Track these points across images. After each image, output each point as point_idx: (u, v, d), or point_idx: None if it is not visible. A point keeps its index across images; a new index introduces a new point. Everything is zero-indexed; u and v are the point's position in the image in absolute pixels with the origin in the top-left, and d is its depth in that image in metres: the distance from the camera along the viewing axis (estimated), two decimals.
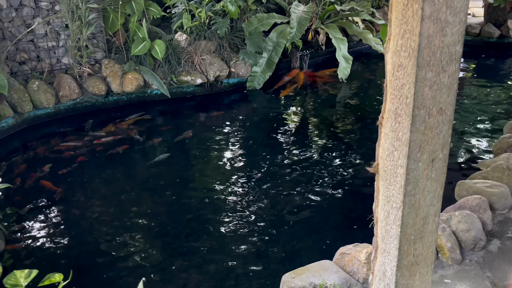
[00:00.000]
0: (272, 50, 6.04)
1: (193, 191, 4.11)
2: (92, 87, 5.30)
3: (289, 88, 6.07)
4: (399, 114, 1.40)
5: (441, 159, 1.49)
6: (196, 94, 5.76)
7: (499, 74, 6.79)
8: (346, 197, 3.98)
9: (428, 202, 1.52)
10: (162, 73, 5.54)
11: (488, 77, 6.65)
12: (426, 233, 1.57)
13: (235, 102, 5.76)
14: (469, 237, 2.79)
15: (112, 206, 3.89)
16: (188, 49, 5.73)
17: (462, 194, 3.27)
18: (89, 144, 4.73)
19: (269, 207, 3.87)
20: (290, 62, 6.57)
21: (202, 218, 3.74)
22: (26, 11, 5.16)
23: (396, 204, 1.49)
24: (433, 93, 1.37)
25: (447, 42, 1.32)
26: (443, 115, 1.42)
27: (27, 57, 5.31)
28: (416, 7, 1.26)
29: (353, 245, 2.81)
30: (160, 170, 4.42)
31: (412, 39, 1.30)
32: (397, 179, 1.47)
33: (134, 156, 4.60)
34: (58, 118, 5.20)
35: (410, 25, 1.29)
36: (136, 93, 5.48)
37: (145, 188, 4.14)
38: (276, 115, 5.46)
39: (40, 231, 3.59)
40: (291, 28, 5.80)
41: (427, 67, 1.33)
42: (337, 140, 4.89)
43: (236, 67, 5.93)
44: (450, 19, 1.30)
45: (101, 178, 4.25)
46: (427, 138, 1.42)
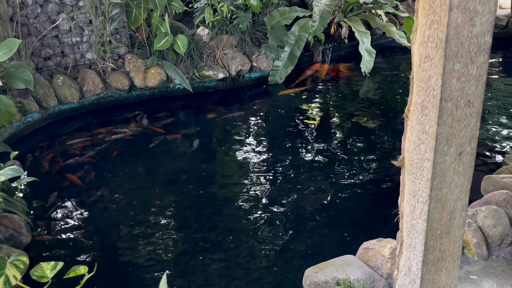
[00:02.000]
0: (294, 44, 6.01)
1: (215, 185, 4.13)
2: (115, 82, 5.35)
3: (308, 82, 6.04)
4: (425, 107, 1.37)
5: (469, 153, 1.46)
6: (218, 88, 5.77)
7: None
8: (369, 191, 3.95)
9: (455, 196, 1.49)
10: (185, 68, 5.56)
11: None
12: (453, 227, 1.54)
13: (257, 96, 5.75)
14: (495, 233, 2.74)
15: (136, 199, 3.93)
16: (210, 44, 5.74)
17: (488, 189, 3.21)
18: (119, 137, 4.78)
19: (292, 201, 3.86)
20: (312, 56, 6.53)
21: (224, 212, 3.75)
22: (51, 7, 5.23)
23: (422, 198, 1.47)
24: (461, 84, 1.34)
25: (476, 33, 1.29)
26: (471, 107, 1.39)
27: (52, 53, 5.39)
28: None
29: (376, 240, 2.78)
30: (183, 164, 4.44)
31: (440, 29, 1.27)
32: (423, 173, 1.44)
33: (158, 150, 4.63)
34: (82, 113, 5.26)
35: (437, 15, 1.26)
36: (158, 88, 5.52)
37: (168, 181, 4.17)
38: (298, 110, 5.43)
39: (66, 224, 3.64)
40: (313, 22, 5.75)
41: (455, 58, 1.30)
42: (359, 134, 4.84)
43: (258, 61, 5.91)
44: (480, 8, 1.26)
45: (125, 172, 4.29)
46: (454, 131, 1.39)
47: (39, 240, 3.45)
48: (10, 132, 4.63)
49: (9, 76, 4.21)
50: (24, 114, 4.81)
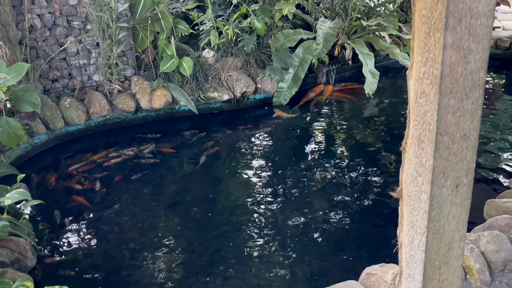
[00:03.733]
0: (298, 66, 6.07)
1: (219, 207, 4.15)
2: (121, 104, 5.42)
3: (312, 104, 6.08)
4: (422, 140, 1.40)
5: (466, 185, 1.48)
6: (223, 110, 5.83)
7: None
8: (373, 215, 3.96)
9: (453, 227, 1.52)
10: (190, 90, 5.62)
11: None
12: (451, 258, 1.56)
13: (261, 117, 5.80)
14: (498, 258, 2.74)
15: (141, 221, 3.96)
16: (215, 66, 5.81)
17: (491, 214, 3.22)
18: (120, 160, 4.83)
19: (296, 224, 3.87)
20: (316, 77, 6.59)
21: (228, 235, 3.77)
22: (59, 30, 5.33)
23: (420, 229, 1.49)
24: (456, 119, 1.37)
25: (470, 69, 1.33)
26: (467, 141, 1.42)
27: (59, 75, 5.47)
28: (438, 35, 1.27)
29: (379, 265, 2.79)
30: (187, 186, 4.47)
31: (435, 67, 1.31)
32: (421, 205, 1.47)
33: (162, 172, 4.67)
34: (88, 134, 5.32)
35: (432, 53, 1.30)
36: (164, 109, 5.58)
37: (172, 203, 4.19)
38: (302, 131, 5.47)
39: (71, 247, 3.67)
40: (317, 44, 5.82)
41: (450, 94, 1.34)
42: (363, 157, 4.86)
43: (262, 83, 5.98)
44: (473, 46, 1.30)
45: (130, 193, 4.32)
46: (451, 164, 1.42)
47: (44, 263, 3.47)
48: (17, 154, 4.69)
49: (17, 99, 4.28)
50: (31, 136, 4.87)
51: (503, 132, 5.21)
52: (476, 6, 1.26)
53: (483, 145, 4.89)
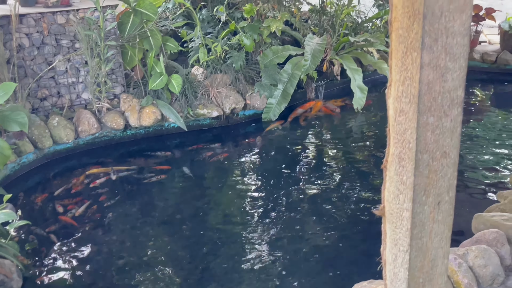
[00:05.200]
0: (287, 82, 6.10)
1: (209, 224, 4.13)
2: (110, 122, 5.41)
3: (301, 119, 6.10)
4: (402, 158, 1.41)
5: (447, 202, 1.49)
6: (212, 126, 5.83)
7: None
8: (363, 231, 3.95)
9: (436, 244, 1.52)
10: (179, 107, 5.62)
11: (505, 105, 6.60)
12: (435, 275, 1.56)
13: (251, 133, 5.80)
14: (486, 273, 2.74)
15: (129, 240, 3.93)
16: (205, 83, 5.82)
17: (479, 228, 3.23)
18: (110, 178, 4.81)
19: (285, 240, 3.86)
20: (305, 93, 6.61)
21: (218, 253, 3.75)
22: (47, 49, 5.33)
23: (403, 247, 1.49)
24: (435, 137, 1.38)
25: (448, 88, 1.34)
26: (447, 158, 1.43)
27: (48, 94, 5.46)
28: (415, 55, 1.29)
29: (367, 282, 2.78)
30: (176, 203, 4.46)
31: (412, 85, 1.32)
32: (403, 222, 1.47)
33: (152, 190, 4.65)
34: (77, 153, 5.30)
35: (409, 72, 1.32)
36: (153, 126, 5.57)
37: (161, 221, 4.17)
38: (291, 146, 5.48)
39: (58, 267, 3.63)
40: (305, 60, 5.86)
41: (429, 112, 1.35)
42: (352, 172, 4.88)
43: (251, 99, 5.99)
44: (450, 65, 1.32)
45: (119, 212, 4.30)
46: (431, 182, 1.43)
47: (30, 285, 3.42)
48: (4, 173, 4.65)
49: (4, 119, 4.26)
50: (19, 155, 4.84)
51: (491, 146, 5.25)
52: (451, 26, 1.27)
53: (470, 159, 4.93)
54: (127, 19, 5.63)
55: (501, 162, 4.86)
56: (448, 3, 1.24)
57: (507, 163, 4.83)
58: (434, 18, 1.25)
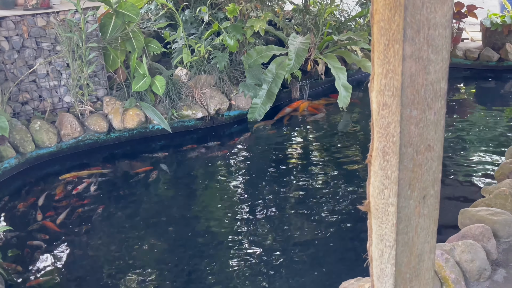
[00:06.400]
0: (272, 82, 6.08)
1: (195, 226, 4.09)
2: (93, 125, 5.34)
3: (286, 119, 6.08)
4: (386, 152, 1.39)
5: (433, 196, 1.47)
6: (197, 127, 5.79)
7: (500, 98, 6.79)
8: (350, 228, 3.94)
9: (422, 239, 1.50)
10: (163, 108, 5.58)
11: (488, 101, 6.65)
12: (422, 270, 1.54)
13: (236, 133, 5.77)
14: (473, 268, 2.74)
15: (115, 244, 3.87)
16: (189, 84, 5.78)
17: (465, 223, 3.23)
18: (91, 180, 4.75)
19: (273, 240, 3.83)
20: (290, 92, 6.60)
21: (205, 254, 3.71)
22: (28, 52, 5.25)
23: (390, 242, 1.48)
24: (419, 130, 1.36)
25: (430, 80, 1.33)
26: (432, 151, 1.41)
27: (29, 97, 5.37)
28: (397, 47, 1.27)
29: (355, 280, 2.76)
30: (162, 205, 4.41)
31: (395, 78, 1.30)
32: (388, 218, 1.45)
33: (137, 192, 4.60)
34: (60, 157, 5.22)
35: (392, 64, 1.30)
36: (137, 129, 5.51)
37: (147, 224, 4.12)
38: (278, 146, 5.46)
39: (42, 273, 3.56)
40: (289, 60, 5.85)
41: (412, 105, 1.33)
42: (339, 170, 4.87)
43: (236, 99, 5.96)
44: (433, 57, 1.30)
45: (103, 216, 4.24)
46: (416, 175, 1.41)
47: None
48: None
49: None
50: (0, 161, 4.75)
51: (475, 142, 5.28)
52: (433, 17, 1.26)
53: (456, 155, 4.95)
54: (108, 21, 5.57)
55: (486, 158, 4.88)
56: None
57: (491, 158, 4.86)
58: (415, 9, 1.23)
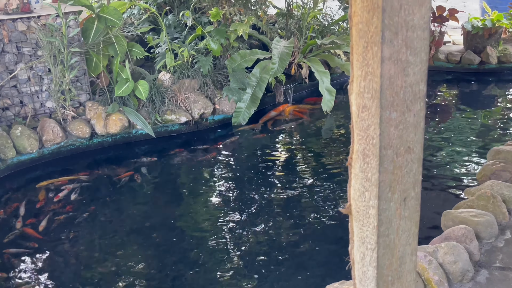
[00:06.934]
0: (256, 86, 6.08)
1: (180, 231, 4.06)
2: (76, 130, 5.29)
3: (270, 123, 6.08)
4: (367, 155, 1.39)
5: (414, 198, 1.47)
6: (181, 132, 5.76)
7: (481, 100, 6.87)
8: (335, 231, 3.95)
9: (403, 241, 1.50)
10: (147, 113, 5.54)
11: (470, 104, 6.72)
12: (404, 273, 1.54)
13: (221, 138, 5.76)
14: (456, 269, 2.75)
15: (98, 250, 3.83)
16: (172, 88, 5.75)
17: (448, 224, 3.25)
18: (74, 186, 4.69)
19: (257, 244, 3.82)
20: (274, 96, 6.61)
21: (188, 259, 3.68)
22: (8, 57, 5.18)
23: (371, 245, 1.47)
24: (399, 132, 1.36)
25: (409, 82, 1.33)
26: (412, 153, 1.41)
27: (10, 103, 5.30)
28: (376, 49, 1.27)
29: (339, 283, 2.76)
30: (146, 211, 4.37)
31: (374, 80, 1.30)
32: (369, 220, 1.45)
33: (121, 197, 4.55)
34: (42, 163, 5.15)
35: (371, 67, 1.30)
36: (120, 134, 5.47)
37: (131, 230, 4.08)
38: (262, 150, 5.45)
39: (23, 281, 3.50)
40: (273, 64, 5.85)
41: (391, 107, 1.33)
42: (324, 172, 4.87)
43: (220, 103, 5.95)
44: (411, 59, 1.31)
45: (86, 222, 4.19)
46: (397, 178, 1.41)
47: None
48: None
49: None
50: None
51: (458, 144, 5.33)
52: (411, 19, 1.26)
53: (438, 157, 4.99)
54: (91, 25, 5.52)
55: (469, 159, 4.93)
56: None
57: (474, 160, 4.91)
58: (393, 12, 1.23)
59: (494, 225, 3.15)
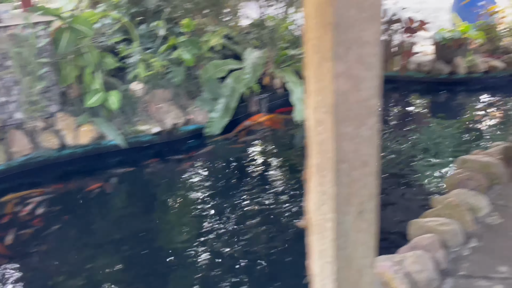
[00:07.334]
0: (229, 96, 6.08)
1: (150, 243, 4.02)
2: (45, 142, 5.21)
3: (243, 133, 6.08)
4: (323, 169, 1.40)
5: (370, 210, 1.49)
6: (153, 142, 5.72)
7: (451, 109, 6.99)
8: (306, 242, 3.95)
9: (361, 254, 1.52)
10: (118, 124, 5.50)
11: (440, 113, 6.84)
12: (363, 285, 1.55)
13: (193, 148, 5.74)
14: (422, 278, 2.78)
15: (66, 265, 3.77)
16: (144, 98, 5.72)
17: (415, 233, 3.28)
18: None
19: (228, 256, 3.80)
20: (248, 106, 6.62)
21: (159, 272, 3.65)
22: None
23: (329, 258, 1.48)
24: (354, 146, 1.38)
25: (363, 97, 1.35)
26: (367, 167, 1.43)
27: None
28: (329, 65, 1.29)
29: None
30: (116, 223, 4.32)
31: (328, 95, 1.32)
32: (327, 233, 1.46)
33: (91, 210, 4.50)
34: (11, 175, 5.05)
35: (325, 82, 1.31)
36: (91, 145, 5.41)
37: (101, 243, 4.03)
38: (236, 160, 5.45)
39: None
40: (246, 74, 5.88)
41: (346, 122, 1.35)
42: (297, 183, 4.89)
43: (193, 114, 5.94)
44: (364, 74, 1.33)
45: (55, 235, 4.12)
46: (353, 191, 1.43)
47: None
48: None
49: None
50: None
51: (427, 152, 5.41)
52: (363, 35, 1.28)
53: (408, 165, 5.05)
54: (61, 36, 5.46)
55: (438, 168, 5.01)
56: (358, 12, 1.25)
57: (443, 169, 4.98)
58: (345, 28, 1.25)
59: (460, 234, 3.20)
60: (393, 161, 5.16)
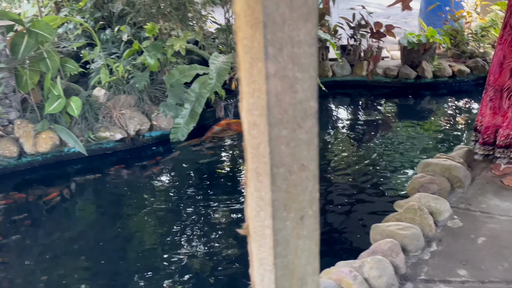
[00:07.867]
0: (195, 101, 6.01)
1: (110, 253, 3.91)
2: (2, 150, 5.05)
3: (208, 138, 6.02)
4: (260, 173, 1.34)
5: (311, 216, 1.44)
6: (117, 149, 5.61)
7: (417, 114, 7.06)
8: None
9: (303, 261, 1.46)
10: (79, 130, 5.37)
11: (407, 117, 6.89)
12: None
13: (158, 154, 5.64)
14: (381, 284, 2.75)
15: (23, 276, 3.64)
16: (107, 104, 5.61)
17: (376, 238, 3.26)
18: None
19: (200, 262, 3.73)
20: (215, 112, 6.56)
21: (118, 282, 3.55)
22: None
23: (269, 266, 1.42)
24: (291, 150, 1.33)
25: (299, 99, 1.29)
26: (306, 171, 1.38)
27: None
28: (260, 65, 1.23)
29: None
30: (76, 232, 4.20)
31: (261, 97, 1.26)
32: (266, 241, 1.40)
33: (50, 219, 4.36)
34: None
35: (257, 83, 1.25)
36: (51, 152, 5.27)
37: (60, 253, 3.91)
38: (203, 165, 5.38)
39: None
40: (211, 79, 5.81)
41: (281, 125, 1.29)
42: None
43: (158, 120, 5.84)
44: (299, 75, 1.27)
45: (13, 246, 3.98)
46: (291, 196, 1.37)
47: None
48: None
49: None
50: None
51: (393, 156, 5.43)
52: (296, 35, 1.23)
53: (372, 169, 5.05)
54: (20, 40, 5.33)
55: (403, 172, 5.02)
56: (290, 11, 1.20)
57: (407, 173, 5.00)
58: (276, 27, 1.20)
59: (421, 238, 3.18)
60: (359, 165, 5.16)
